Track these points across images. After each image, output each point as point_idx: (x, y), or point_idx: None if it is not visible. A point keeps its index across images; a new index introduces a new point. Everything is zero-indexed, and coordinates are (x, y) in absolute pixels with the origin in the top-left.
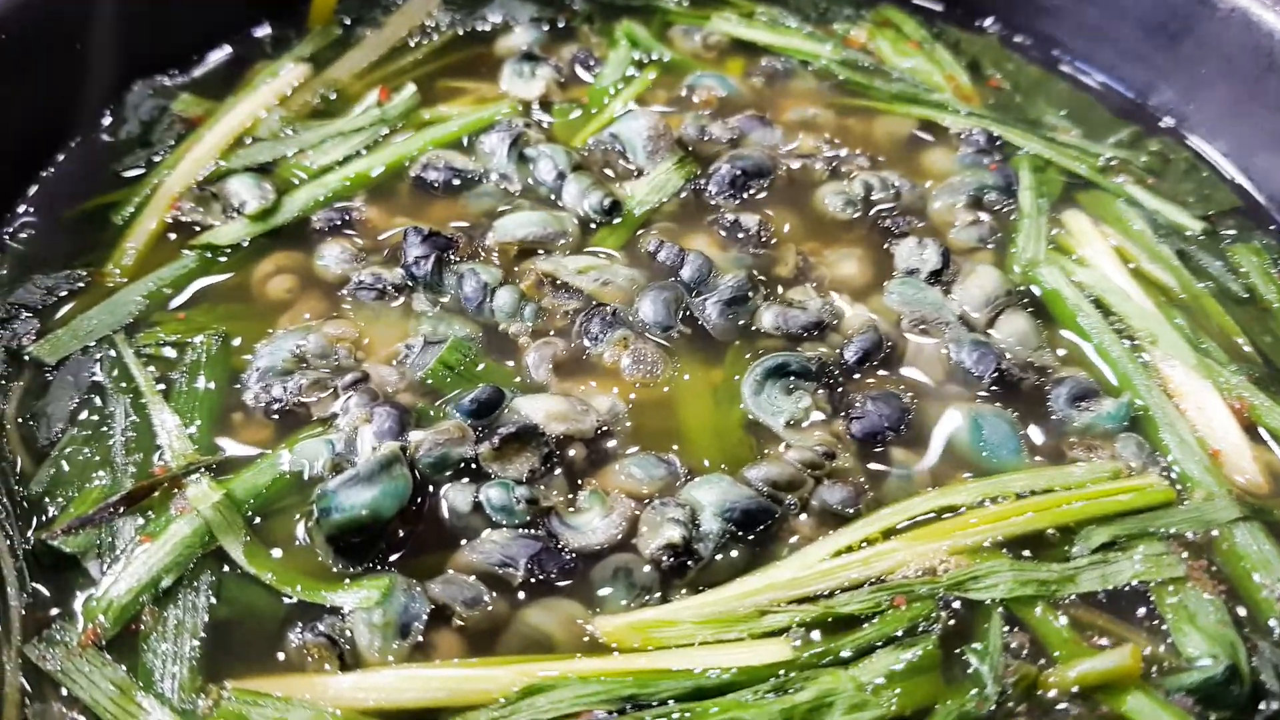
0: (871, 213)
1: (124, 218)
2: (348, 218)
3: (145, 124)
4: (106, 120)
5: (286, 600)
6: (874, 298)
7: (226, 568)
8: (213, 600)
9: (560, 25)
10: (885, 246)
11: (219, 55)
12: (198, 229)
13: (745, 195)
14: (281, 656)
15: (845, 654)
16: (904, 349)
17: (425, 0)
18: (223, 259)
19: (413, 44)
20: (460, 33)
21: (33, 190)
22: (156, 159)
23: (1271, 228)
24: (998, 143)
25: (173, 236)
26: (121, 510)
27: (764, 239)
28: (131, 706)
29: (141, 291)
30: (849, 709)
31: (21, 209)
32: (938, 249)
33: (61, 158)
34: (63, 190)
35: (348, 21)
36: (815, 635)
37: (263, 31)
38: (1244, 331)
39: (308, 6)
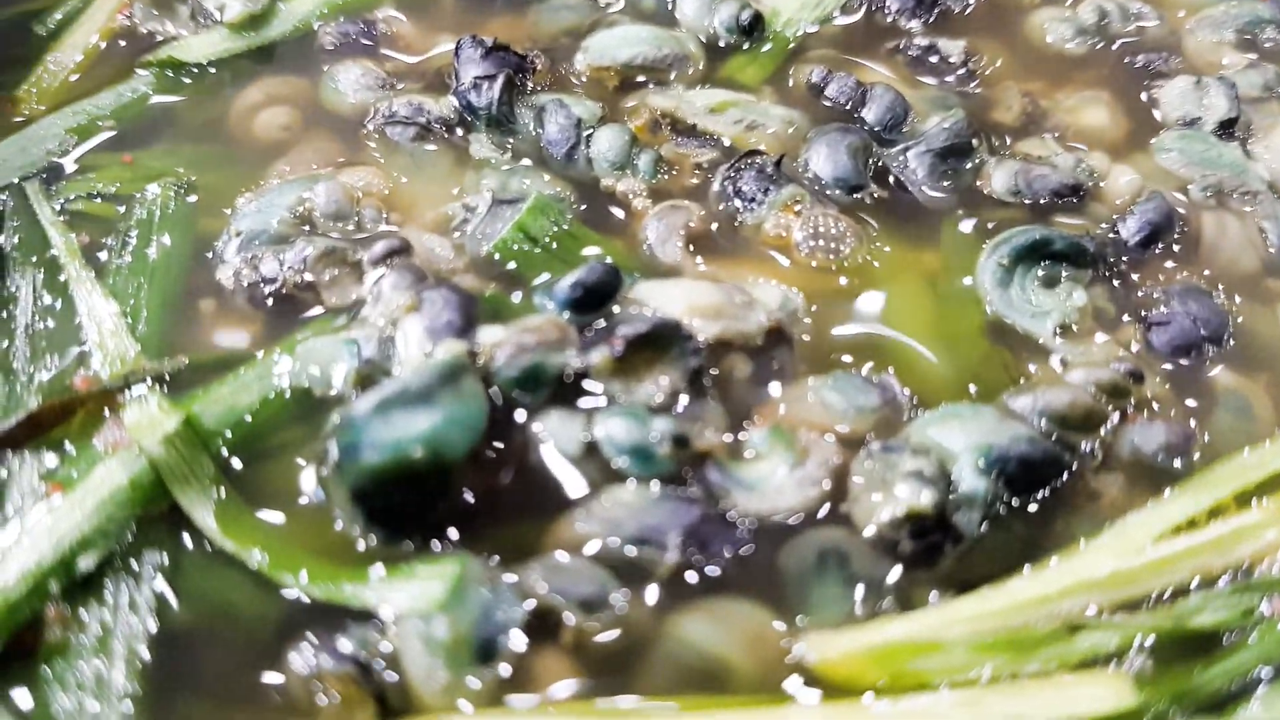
0: (1113, 47)
1: (50, 27)
2: (371, 31)
3: None
4: None
5: (286, 597)
6: (1140, 157)
7: (187, 541)
8: (164, 595)
9: None
10: (1142, 92)
11: None
12: (157, 40)
13: (937, 15)
14: (277, 696)
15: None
16: (1199, 227)
17: None
18: (188, 81)
19: None
20: None
21: None
22: None
23: None
24: None
25: (120, 48)
26: (20, 442)
27: (972, 73)
28: None
29: (68, 123)
30: None
31: None
32: (1228, 90)
33: None
34: None
35: None
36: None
37: None
38: None
39: None
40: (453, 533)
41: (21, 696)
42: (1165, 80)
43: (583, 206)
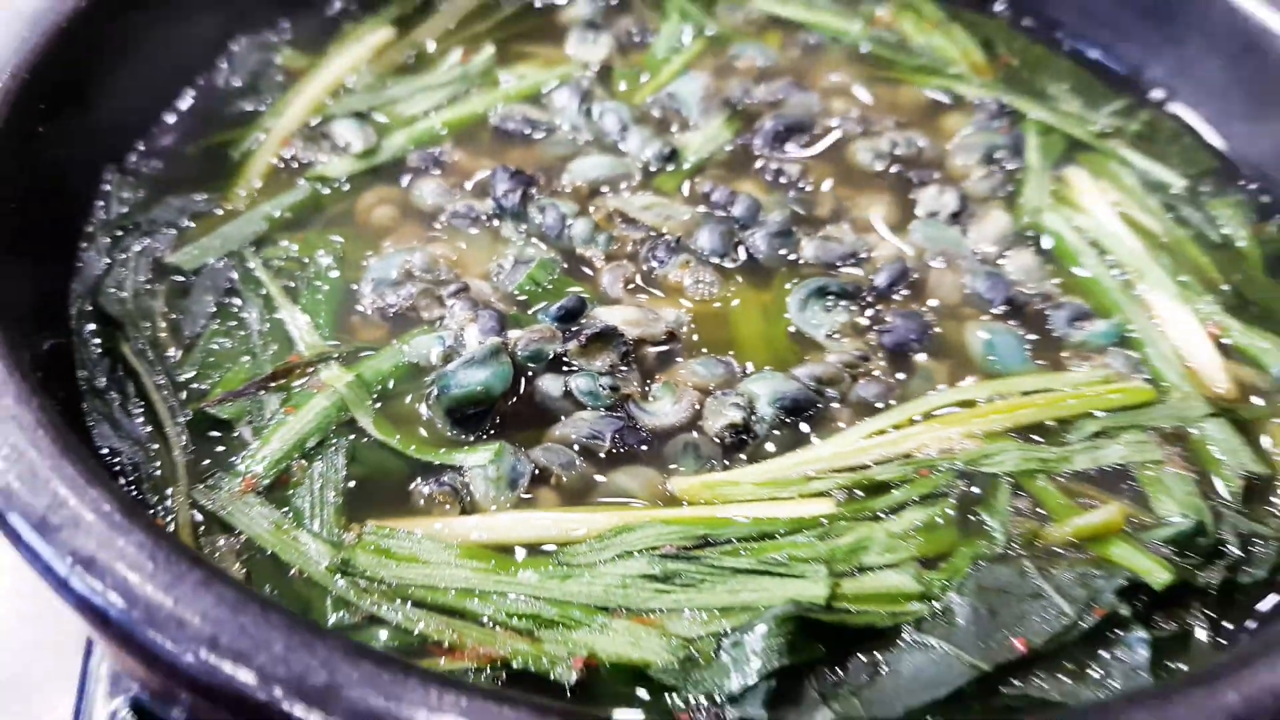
0: (897, 166)
1: (241, 154)
2: (439, 159)
3: (252, 75)
4: (218, 71)
5: (410, 458)
6: (902, 233)
7: (359, 436)
8: (348, 461)
9: (615, 1)
10: (909, 194)
11: (316, 16)
12: (308, 165)
13: (787, 148)
14: (412, 499)
15: (879, 512)
16: (927, 278)
17: None
18: (329, 190)
19: (488, 13)
20: (530, 3)
21: (156, 129)
22: (265, 106)
23: (1243, 184)
24: (1007, 110)
25: (289, 168)
26: (268, 387)
27: (803, 185)
28: (288, 538)
29: (263, 214)
30: (881, 550)
31: (144, 147)
32: (956, 195)
33: (180, 103)
34: (183, 130)
35: None
36: (854, 499)
37: None
38: (1218, 270)
39: None
40: (495, 431)
41: (282, 504)
42: (924, 187)
43: (565, 265)
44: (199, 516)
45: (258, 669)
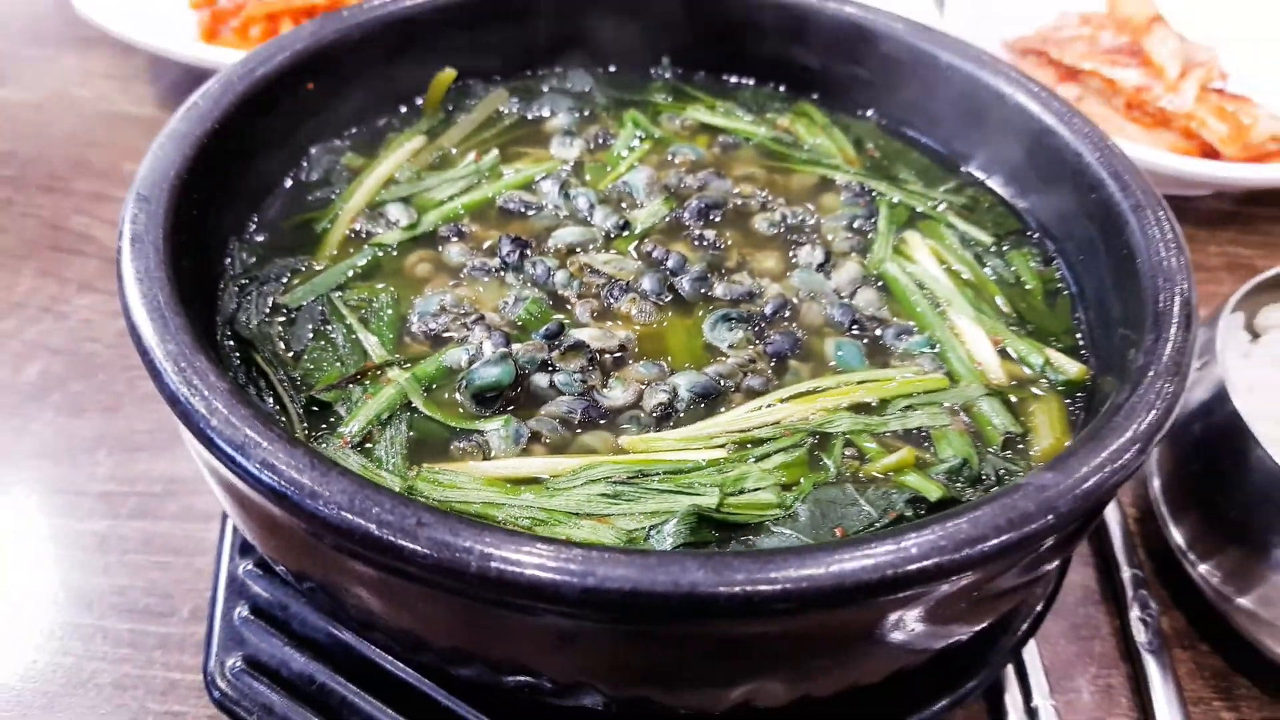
0: (785, 231)
1: (322, 229)
2: (460, 230)
3: (325, 172)
4: (302, 169)
5: (450, 426)
6: (785, 280)
7: (415, 413)
8: (410, 428)
9: (587, 114)
10: (791, 251)
11: (369, 128)
12: (371, 235)
13: (707, 220)
14: (451, 452)
15: (756, 457)
16: (800, 309)
17: (498, 96)
18: (383, 252)
19: (492, 125)
20: (523, 117)
21: (264, 211)
22: (335, 194)
23: (1033, 238)
24: (867, 190)
25: (357, 237)
26: (354, 381)
27: (718, 245)
28: (373, 474)
29: (341, 270)
30: (755, 480)
31: (255, 224)
32: (823, 251)
33: (279, 191)
34: (282, 211)
35: (450, 108)
36: (741, 449)
37: (396, 112)
38: (1009, 301)
39: (424, 97)
40: (504, 408)
41: (368, 454)
42: (802, 246)
43: (550, 302)
44: None
45: (374, 518)
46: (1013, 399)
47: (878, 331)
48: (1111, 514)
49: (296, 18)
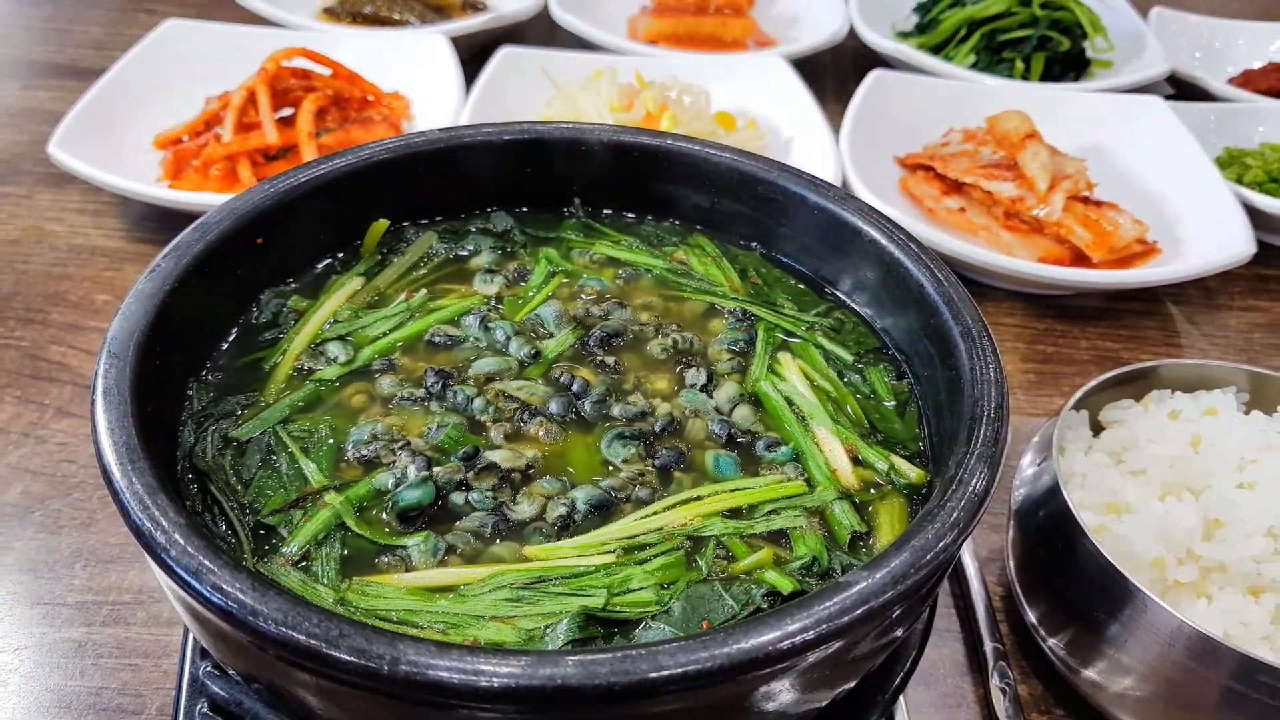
0: (676, 354)
1: (270, 366)
2: (392, 363)
3: (274, 314)
4: (252, 313)
5: (377, 543)
6: (673, 399)
7: (348, 531)
8: (343, 546)
9: (508, 250)
10: (679, 371)
11: (312, 272)
12: (312, 371)
13: (608, 347)
14: (378, 565)
15: (640, 560)
16: (686, 425)
17: (428, 238)
18: (325, 386)
19: (423, 265)
20: (449, 256)
21: (218, 354)
22: (282, 334)
23: (889, 355)
24: (749, 315)
25: (300, 373)
26: (295, 505)
27: (618, 369)
28: (309, 588)
29: (286, 405)
30: (638, 581)
31: (210, 365)
32: (706, 373)
33: (231, 334)
34: (233, 352)
35: (385, 251)
36: (627, 554)
37: (336, 256)
38: (864, 412)
39: (361, 243)
40: (425, 524)
41: (306, 569)
42: (690, 368)
43: (468, 426)
44: None
45: (304, 631)
46: (862, 501)
47: (751, 443)
48: (978, 592)
49: (254, 158)
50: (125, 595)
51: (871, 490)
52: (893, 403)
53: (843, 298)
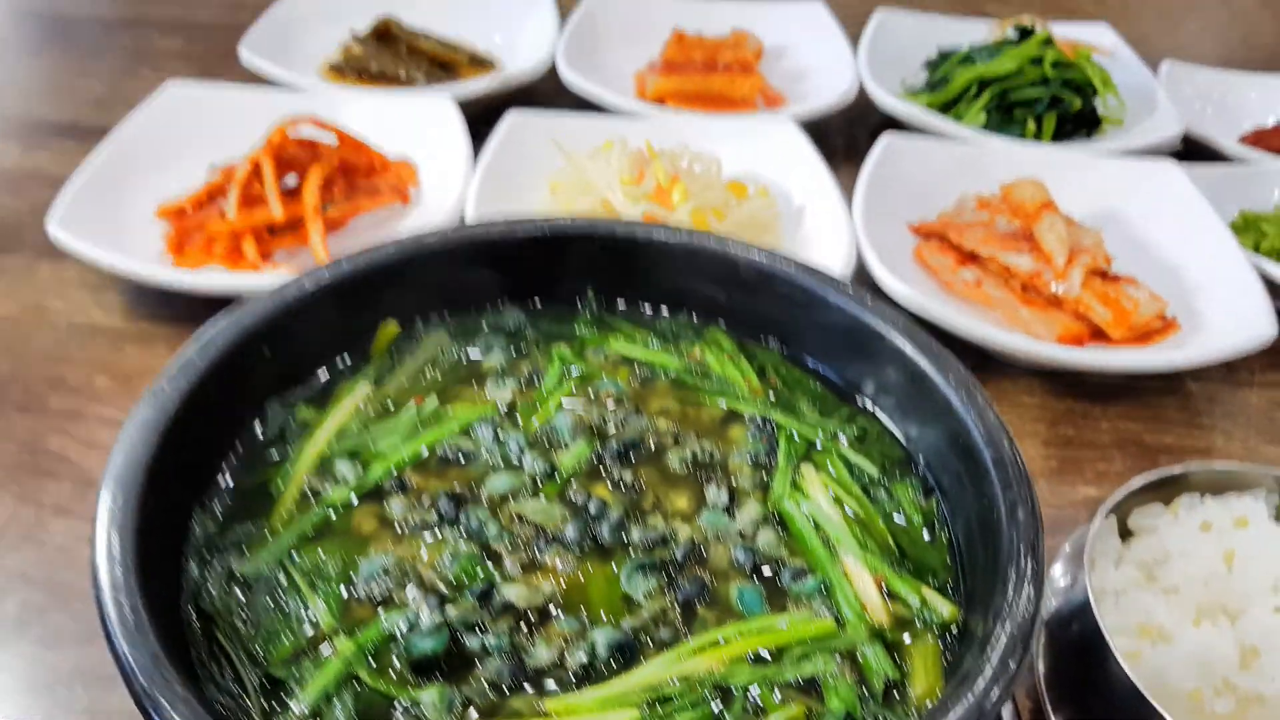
0: (695, 467)
1: (277, 488)
2: (403, 482)
3: (280, 428)
4: (256, 428)
5: (394, 699)
6: (694, 521)
7: (359, 681)
8: (355, 700)
9: (520, 349)
10: (701, 487)
11: (320, 378)
12: (320, 494)
13: (625, 461)
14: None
15: (665, 715)
16: (708, 552)
17: (438, 338)
18: (332, 512)
19: (431, 368)
20: (459, 360)
21: (221, 477)
22: (290, 448)
23: (915, 469)
24: (769, 423)
25: (308, 499)
26: (304, 654)
27: (636, 488)
28: None
29: (296, 532)
30: None
31: (214, 490)
32: (728, 490)
33: (235, 453)
34: (238, 475)
35: (395, 352)
36: (651, 708)
37: (344, 359)
38: (890, 534)
39: (370, 345)
40: (441, 672)
41: None
42: (710, 484)
43: (484, 555)
44: None
45: None
46: (893, 640)
47: (777, 573)
48: (1006, 707)
49: (259, 233)
50: (127, 718)
51: (902, 628)
52: (919, 520)
53: (867, 404)
